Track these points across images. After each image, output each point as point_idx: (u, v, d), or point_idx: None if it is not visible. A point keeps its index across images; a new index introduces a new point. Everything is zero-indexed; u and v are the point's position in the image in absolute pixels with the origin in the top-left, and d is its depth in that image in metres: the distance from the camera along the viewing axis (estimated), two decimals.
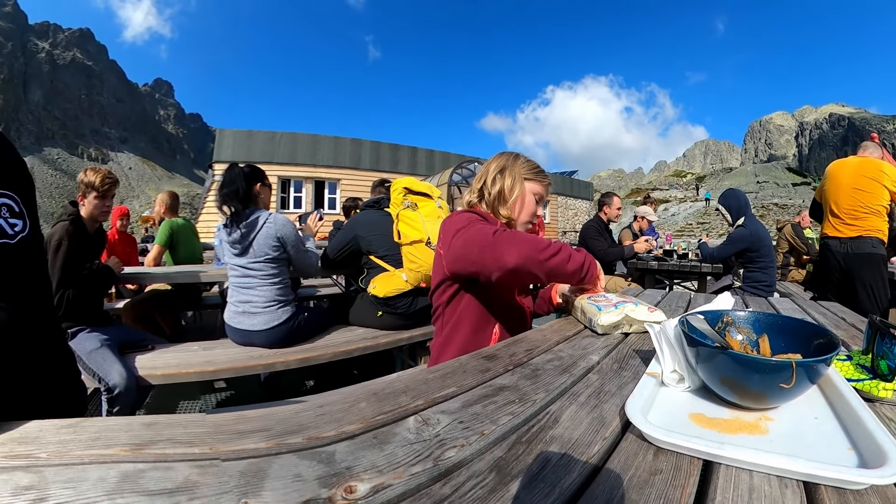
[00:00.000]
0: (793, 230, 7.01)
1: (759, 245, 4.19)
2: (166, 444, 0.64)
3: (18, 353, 0.87)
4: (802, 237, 6.92)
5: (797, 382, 0.67)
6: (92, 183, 2.85)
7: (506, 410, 0.70)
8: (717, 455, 0.58)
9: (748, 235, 4.20)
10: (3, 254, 0.91)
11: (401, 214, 2.89)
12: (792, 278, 6.91)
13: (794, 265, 7.04)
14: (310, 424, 0.67)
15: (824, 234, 3.90)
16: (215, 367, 2.62)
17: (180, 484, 0.56)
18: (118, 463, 0.61)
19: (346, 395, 0.77)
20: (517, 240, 1.32)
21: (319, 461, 0.58)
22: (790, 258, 7.08)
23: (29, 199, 0.98)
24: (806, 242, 6.87)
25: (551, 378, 0.83)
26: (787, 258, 7.07)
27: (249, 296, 2.77)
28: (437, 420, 0.68)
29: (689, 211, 54.18)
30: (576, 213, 29.29)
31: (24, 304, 0.92)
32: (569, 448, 0.60)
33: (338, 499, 0.51)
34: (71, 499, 0.55)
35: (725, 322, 0.94)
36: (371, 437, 0.64)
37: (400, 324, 3.04)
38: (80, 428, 0.71)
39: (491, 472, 0.55)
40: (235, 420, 0.70)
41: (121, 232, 4.81)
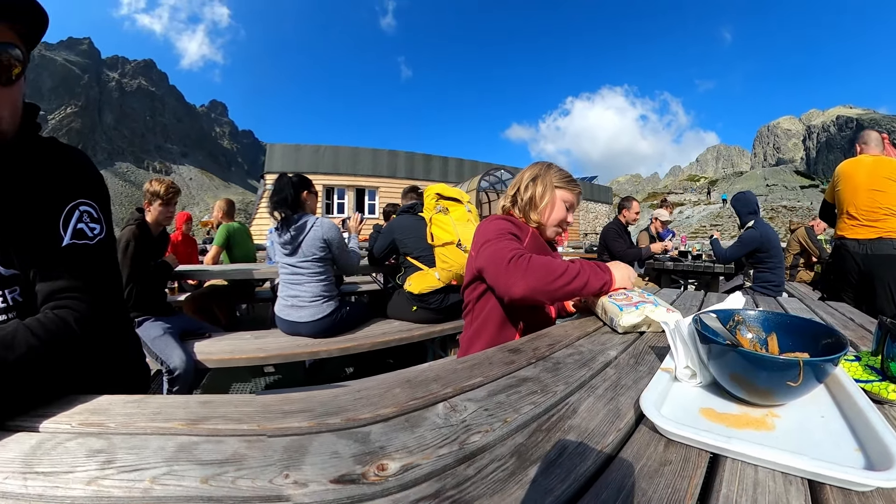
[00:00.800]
0: (806, 233, 6.65)
1: (768, 246, 4.05)
2: (219, 420, 0.66)
3: (95, 338, 0.90)
4: (815, 240, 6.57)
5: (804, 381, 0.64)
6: (157, 192, 2.99)
7: (528, 400, 0.70)
8: (723, 448, 0.56)
9: (758, 237, 4.07)
10: (85, 253, 0.95)
11: (433, 218, 2.90)
12: (800, 279, 6.61)
13: (802, 266, 6.74)
14: (348, 407, 0.68)
15: (840, 236, 3.53)
16: (265, 354, 2.69)
17: (229, 456, 0.57)
18: (176, 435, 0.63)
19: (382, 381, 0.77)
20: (529, 270, 1.27)
21: (355, 440, 0.59)
22: (800, 259, 6.77)
23: (105, 207, 1.03)
24: (819, 246, 6.52)
25: (571, 371, 0.82)
26: (796, 259, 6.76)
27: (298, 291, 2.82)
28: (464, 407, 0.67)
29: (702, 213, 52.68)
30: (596, 216, 28.96)
31: (100, 297, 0.95)
32: (585, 437, 0.59)
33: (370, 475, 0.51)
34: (134, 463, 0.57)
35: (736, 321, 0.91)
36: (403, 420, 0.64)
37: (432, 318, 3.04)
38: (144, 403, 0.74)
39: (512, 456, 0.55)
40: (281, 401, 0.71)
41: (184, 234, 4.95)
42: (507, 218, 1.60)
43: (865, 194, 3.36)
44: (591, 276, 1.29)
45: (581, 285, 1.27)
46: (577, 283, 1.26)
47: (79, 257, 0.94)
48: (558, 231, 1.71)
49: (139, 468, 0.56)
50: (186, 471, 0.54)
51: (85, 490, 0.53)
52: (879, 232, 3.30)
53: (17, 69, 0.90)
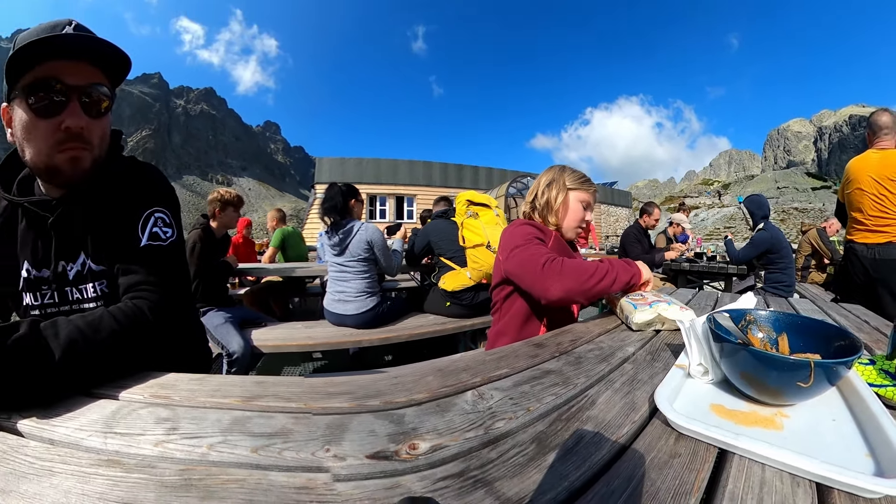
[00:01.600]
0: (818, 235, 6.05)
1: (778, 247, 3.86)
2: (270, 398, 0.67)
3: (165, 324, 0.94)
4: (827, 242, 5.96)
5: (815, 382, 0.60)
6: (230, 201, 3.16)
7: (550, 391, 0.68)
8: (731, 445, 0.53)
9: (769, 238, 3.88)
10: (159, 253, 1.00)
11: (465, 222, 2.90)
12: (812, 280, 6.04)
13: (814, 268, 6.19)
14: (386, 391, 0.68)
15: (850, 239, 3.08)
16: (314, 342, 2.77)
17: (278, 430, 0.58)
18: (231, 410, 0.65)
19: (417, 369, 0.77)
20: (565, 273, 1.24)
21: (391, 421, 0.59)
22: (811, 261, 6.21)
23: (175, 214, 1.08)
24: (831, 247, 5.92)
25: (591, 365, 0.80)
26: (807, 261, 6.22)
27: (344, 287, 2.87)
28: (490, 395, 0.66)
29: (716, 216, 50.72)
30: (616, 220, 28.46)
31: (170, 290, 1.00)
32: (601, 428, 0.57)
33: (403, 453, 0.52)
34: (194, 432, 0.59)
35: (748, 320, 0.86)
36: (435, 405, 0.64)
37: (464, 313, 3.03)
38: (205, 381, 0.76)
39: (532, 443, 0.54)
40: (326, 384, 0.72)
41: (244, 237, 5.13)
42: (531, 223, 1.56)
43: (871, 199, 2.90)
44: (619, 272, 1.26)
45: (611, 282, 1.24)
46: (607, 281, 1.23)
47: (153, 256, 0.99)
48: (578, 231, 1.65)
49: (198, 436, 0.58)
50: (239, 441, 0.56)
51: (152, 450, 0.55)
52: (889, 236, 2.86)
53: (106, 104, 0.97)
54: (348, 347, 3.11)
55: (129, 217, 1.00)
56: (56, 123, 0.90)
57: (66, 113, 0.90)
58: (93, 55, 0.93)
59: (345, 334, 2.81)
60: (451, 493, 0.46)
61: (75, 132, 0.91)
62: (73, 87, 0.90)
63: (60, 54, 0.89)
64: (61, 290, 1.01)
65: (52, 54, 0.88)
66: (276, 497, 0.47)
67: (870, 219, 2.88)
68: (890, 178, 2.82)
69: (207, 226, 3.05)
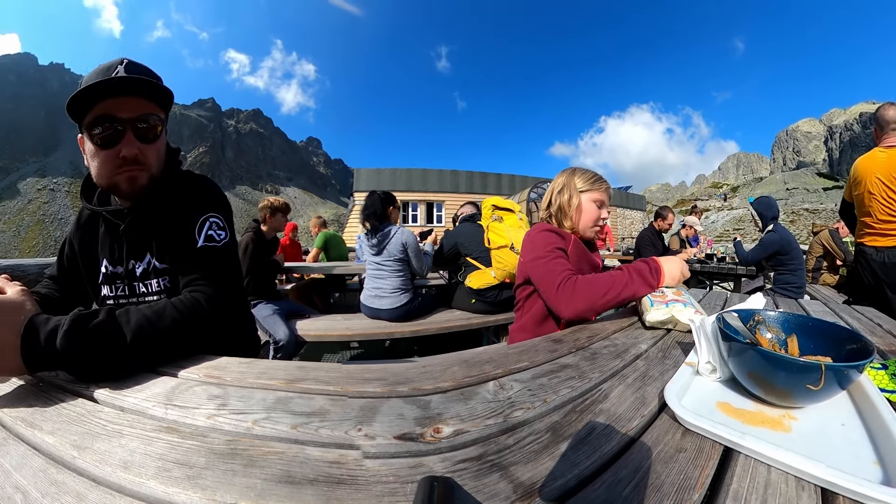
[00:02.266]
0: (830, 235, 5.43)
1: (788, 249, 3.57)
2: (311, 381, 0.68)
3: (219, 314, 0.97)
4: (840, 243, 5.36)
5: (825, 385, 0.55)
6: (280, 207, 3.33)
7: (566, 384, 0.66)
8: (737, 443, 0.50)
9: (778, 240, 3.59)
10: (214, 252, 1.04)
11: (490, 226, 2.89)
12: (823, 282, 5.44)
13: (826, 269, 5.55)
14: (414, 379, 0.68)
15: (860, 242, 2.74)
16: (352, 332, 2.82)
17: (316, 410, 0.59)
18: (276, 391, 0.66)
19: (444, 360, 0.77)
20: (576, 295, 1.18)
21: (418, 406, 0.59)
22: (822, 262, 5.57)
23: (228, 219, 1.11)
24: (844, 248, 5.32)
25: (606, 361, 0.77)
26: (819, 262, 5.57)
27: (380, 284, 2.92)
28: (510, 386, 0.65)
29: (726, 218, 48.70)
30: (632, 222, 27.98)
31: (224, 285, 1.03)
32: (612, 421, 0.56)
33: (427, 436, 0.52)
34: (242, 408, 0.61)
35: (756, 321, 0.80)
36: (459, 393, 0.63)
37: (488, 310, 3.01)
38: (253, 365, 0.78)
39: (547, 432, 0.53)
40: (361, 370, 0.72)
41: (291, 240, 5.29)
42: (551, 228, 1.48)
43: (879, 202, 2.54)
44: (637, 287, 1.16)
45: (630, 295, 1.15)
46: (622, 296, 1.15)
47: (209, 256, 1.03)
48: (596, 230, 1.56)
49: (245, 412, 0.59)
50: (280, 418, 0.57)
51: (205, 422, 0.57)
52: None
53: (159, 128, 1.03)
54: (383, 338, 3.14)
55: (187, 222, 1.04)
56: (115, 152, 0.97)
57: (122, 143, 0.97)
58: (140, 90, 0.98)
59: (379, 327, 2.86)
60: (469, 474, 0.46)
61: (131, 159, 0.98)
62: (126, 120, 0.97)
63: (113, 93, 0.95)
64: (131, 285, 1.07)
65: (106, 94, 0.95)
66: (310, 469, 0.47)
67: (879, 223, 2.56)
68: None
69: (258, 229, 3.19)
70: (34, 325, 0.69)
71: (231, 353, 0.85)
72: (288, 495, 0.44)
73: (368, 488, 0.44)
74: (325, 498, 0.43)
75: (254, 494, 0.44)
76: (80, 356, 0.69)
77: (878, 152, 2.57)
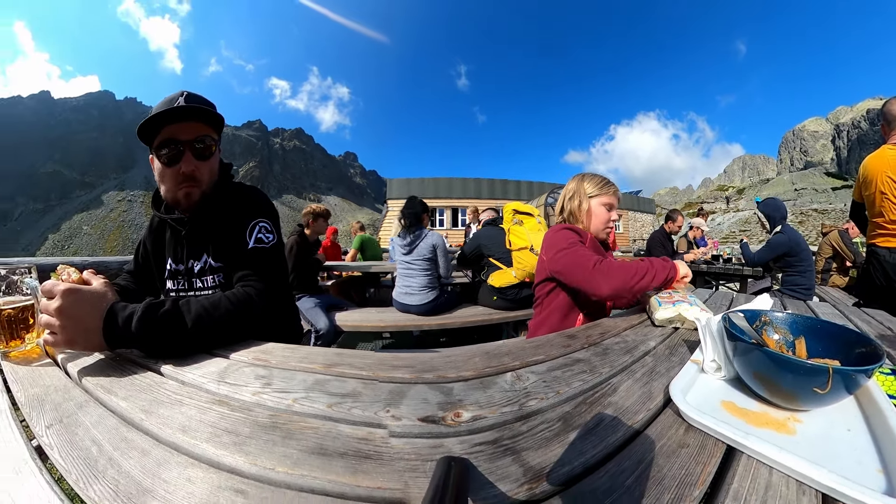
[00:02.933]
0: (839, 236, 4.83)
1: (797, 250, 3.23)
2: (346, 367, 0.68)
3: (266, 306, 1.00)
4: (850, 243, 4.74)
5: (832, 389, 0.50)
6: (322, 213, 3.44)
7: (578, 377, 0.64)
8: (740, 443, 0.46)
9: (786, 241, 3.25)
10: (263, 253, 1.07)
11: (511, 229, 2.86)
12: (833, 283, 4.78)
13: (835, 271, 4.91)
14: (439, 367, 0.67)
15: (871, 243, 2.40)
16: (384, 324, 2.87)
17: (349, 392, 0.60)
18: (315, 373, 0.67)
19: (466, 351, 0.76)
20: (612, 273, 1.17)
21: (441, 392, 0.59)
22: (832, 264, 4.94)
23: (275, 224, 1.14)
24: (854, 249, 4.70)
25: (616, 357, 0.75)
26: (828, 263, 4.94)
27: (410, 282, 2.95)
28: (527, 377, 0.64)
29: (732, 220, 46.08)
30: (642, 225, 27.54)
31: (271, 281, 1.06)
32: (619, 413, 0.54)
33: (448, 419, 0.51)
34: (284, 388, 0.62)
35: (763, 321, 0.73)
36: (479, 382, 0.62)
37: (508, 306, 2.98)
38: (296, 350, 0.80)
39: (559, 421, 0.52)
40: (392, 358, 0.72)
41: (331, 242, 5.43)
42: (570, 227, 1.44)
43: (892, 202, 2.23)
44: (658, 271, 1.17)
45: (651, 279, 1.15)
46: (648, 279, 1.15)
47: (258, 255, 1.07)
48: (607, 231, 1.51)
49: (287, 391, 0.60)
50: (318, 398, 0.58)
51: (251, 398, 0.59)
52: None
53: (213, 147, 1.10)
54: (412, 330, 3.16)
55: (239, 227, 1.08)
56: (176, 170, 1.04)
57: (182, 161, 1.03)
58: (197, 116, 1.04)
59: (409, 319, 2.90)
60: (484, 456, 0.45)
61: (189, 175, 1.04)
62: (185, 141, 1.03)
63: (175, 120, 1.03)
64: (189, 280, 1.12)
65: (170, 121, 1.02)
66: (341, 444, 0.48)
67: (891, 223, 2.25)
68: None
69: (302, 233, 3.29)
70: (114, 311, 0.74)
71: (277, 339, 0.87)
72: (320, 465, 0.44)
73: (392, 464, 0.44)
74: (353, 470, 0.43)
75: (290, 462, 0.45)
76: (149, 337, 0.74)
77: (886, 150, 2.27)
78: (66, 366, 0.76)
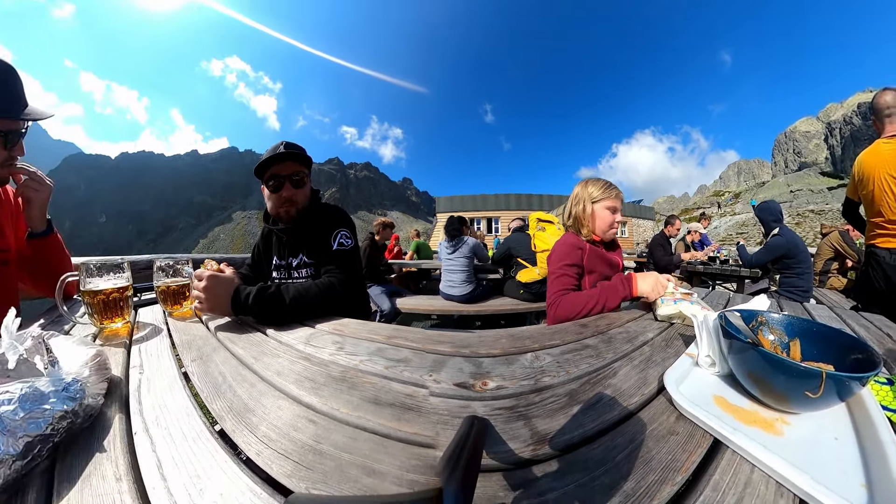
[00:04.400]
0: (840, 237, 3.86)
1: (795, 252, 2.67)
2: (401, 339, 0.69)
3: (345, 292, 1.03)
4: (852, 244, 3.78)
5: (824, 394, 0.41)
6: (385, 223, 3.63)
7: (585, 360, 0.61)
8: (727, 438, 0.39)
9: (784, 243, 2.70)
10: (343, 253, 1.12)
11: (535, 234, 2.78)
12: (831, 285, 3.81)
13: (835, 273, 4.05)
14: (473, 345, 0.66)
15: (871, 244, 1.84)
16: (433, 308, 2.95)
17: (402, 358, 0.60)
18: (377, 342, 0.68)
19: (496, 333, 0.74)
20: (559, 312, 1.05)
21: (474, 365, 0.58)
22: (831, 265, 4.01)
23: (353, 232, 1.18)
24: (856, 249, 3.74)
25: (619, 345, 0.69)
26: (827, 265, 3.95)
27: (453, 277, 3.02)
28: (543, 358, 0.61)
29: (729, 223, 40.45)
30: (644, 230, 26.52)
31: (350, 274, 1.09)
32: (617, 394, 0.50)
33: (477, 387, 0.50)
34: (353, 352, 0.64)
35: (759, 321, 0.61)
36: (504, 359, 0.61)
37: (532, 299, 2.89)
38: (364, 324, 0.82)
39: (565, 396, 0.49)
40: (437, 335, 0.72)
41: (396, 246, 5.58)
42: (570, 242, 1.25)
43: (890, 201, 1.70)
44: (608, 300, 1.02)
45: (601, 308, 1.01)
46: (597, 308, 1.01)
47: (339, 255, 1.11)
48: (612, 232, 1.29)
49: (355, 354, 0.62)
50: (378, 361, 0.59)
51: (328, 357, 0.62)
52: None
53: (305, 179, 1.18)
54: (453, 314, 3.18)
55: (325, 234, 1.14)
56: (279, 195, 1.14)
57: (283, 189, 1.14)
58: (292, 158, 1.14)
59: (452, 306, 2.95)
60: (501, 419, 0.44)
61: (288, 199, 1.14)
62: (285, 175, 1.13)
63: (277, 161, 1.12)
64: (289, 272, 1.20)
65: (274, 162, 1.12)
66: (392, 397, 0.49)
67: (892, 223, 1.72)
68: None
69: (373, 238, 3.47)
70: (238, 291, 0.82)
71: (351, 316, 0.90)
72: (373, 411, 0.45)
73: (428, 416, 0.44)
74: (398, 417, 0.44)
75: (351, 406, 0.47)
76: (259, 310, 0.81)
77: (881, 144, 1.74)
78: (207, 323, 0.85)
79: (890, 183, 1.69)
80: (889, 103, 1.71)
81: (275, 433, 0.42)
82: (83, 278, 0.78)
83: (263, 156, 1.14)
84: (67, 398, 0.43)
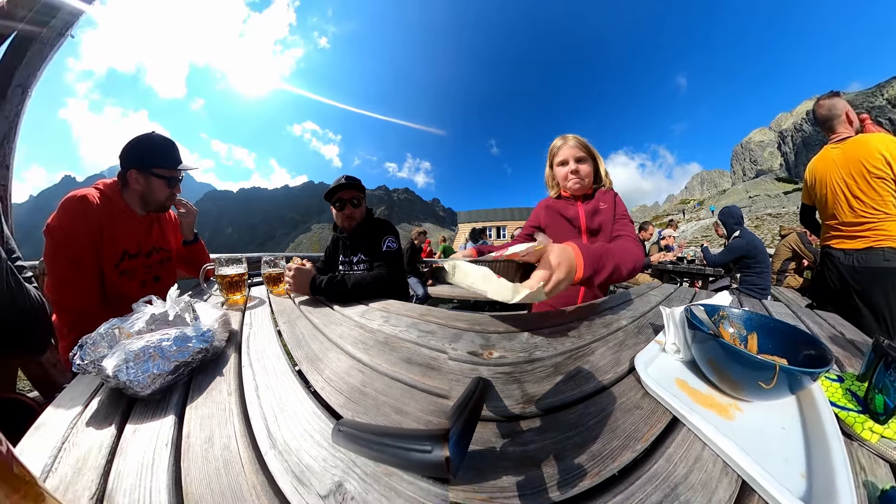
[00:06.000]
0: (798, 238, 3.26)
1: (754, 252, 2.29)
2: (431, 317, 0.69)
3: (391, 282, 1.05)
4: (808, 244, 3.21)
5: (776, 386, 0.35)
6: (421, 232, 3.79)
7: (570, 340, 0.58)
8: (684, 416, 0.35)
9: (745, 244, 2.32)
10: (390, 254, 1.13)
11: None
12: (788, 284, 3.23)
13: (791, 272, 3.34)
14: (485, 323, 0.65)
15: (826, 245, 1.47)
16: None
17: (430, 331, 0.60)
18: (412, 318, 0.68)
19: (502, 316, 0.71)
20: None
21: (483, 338, 0.57)
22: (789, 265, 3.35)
23: (397, 238, 1.19)
24: (812, 250, 3.17)
25: (598, 329, 0.65)
26: (785, 265, 3.35)
27: None
28: (537, 336, 0.59)
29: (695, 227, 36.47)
30: None
31: (395, 268, 1.11)
32: (594, 370, 0.47)
33: (484, 355, 0.50)
34: (395, 323, 0.64)
35: (721, 315, 0.54)
36: (506, 335, 0.59)
37: None
38: (404, 305, 0.82)
39: (552, 367, 0.47)
40: (457, 314, 0.71)
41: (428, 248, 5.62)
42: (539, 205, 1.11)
43: (846, 201, 1.36)
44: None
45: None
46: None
47: (387, 255, 1.14)
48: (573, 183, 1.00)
49: (396, 325, 0.63)
50: (411, 332, 0.60)
51: (377, 327, 0.63)
52: (869, 241, 1.31)
53: (361, 200, 1.22)
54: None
55: (377, 240, 1.17)
56: (342, 213, 1.19)
57: (346, 209, 1.18)
58: (352, 186, 1.18)
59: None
60: (500, 381, 0.43)
61: (349, 215, 1.19)
62: (347, 199, 1.18)
63: (341, 189, 1.17)
64: (351, 266, 1.24)
65: (339, 189, 1.17)
66: (420, 358, 0.49)
67: (845, 225, 1.38)
68: (856, 174, 1.31)
69: (412, 243, 3.58)
70: (315, 278, 0.88)
71: (394, 298, 0.93)
72: (406, 368, 0.47)
73: (446, 375, 0.45)
74: (423, 374, 0.45)
75: (390, 363, 0.48)
76: (330, 292, 0.87)
77: (830, 149, 1.42)
78: (294, 299, 0.91)
79: (842, 186, 1.37)
80: (828, 111, 1.41)
81: (335, 376, 0.45)
82: (217, 267, 0.88)
83: (331, 185, 1.19)
84: (203, 340, 0.50)
